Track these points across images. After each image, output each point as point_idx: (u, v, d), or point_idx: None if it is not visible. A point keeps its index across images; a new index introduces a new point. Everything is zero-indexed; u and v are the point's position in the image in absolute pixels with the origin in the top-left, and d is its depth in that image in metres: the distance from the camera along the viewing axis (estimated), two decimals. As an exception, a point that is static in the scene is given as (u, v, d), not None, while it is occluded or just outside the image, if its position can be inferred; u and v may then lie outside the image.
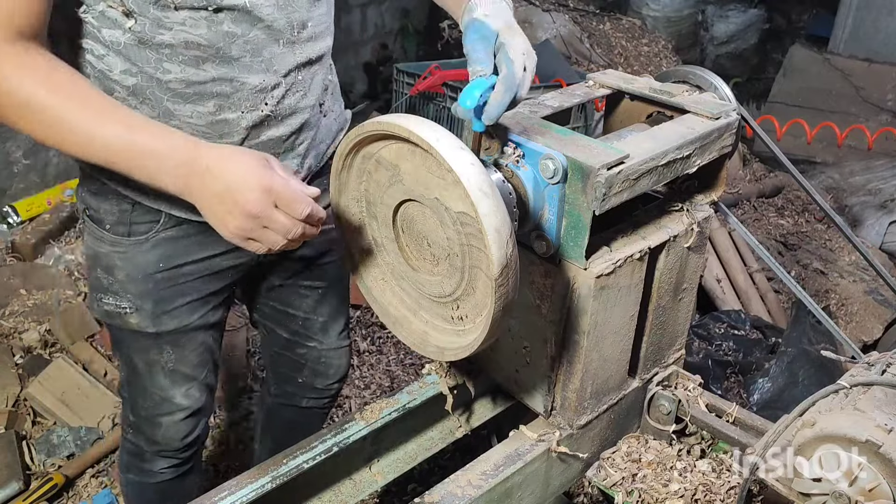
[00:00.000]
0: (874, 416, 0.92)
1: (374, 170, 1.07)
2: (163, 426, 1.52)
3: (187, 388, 1.49)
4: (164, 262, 1.35)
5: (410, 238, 1.10)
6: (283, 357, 1.73)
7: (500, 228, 0.91)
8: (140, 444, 1.56)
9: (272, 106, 1.27)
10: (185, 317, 1.42)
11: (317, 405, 1.81)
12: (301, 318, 1.65)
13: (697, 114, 1.23)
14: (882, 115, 5.29)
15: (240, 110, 1.24)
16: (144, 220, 1.32)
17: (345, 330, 1.73)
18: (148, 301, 1.38)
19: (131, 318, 1.39)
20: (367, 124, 1.01)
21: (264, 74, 1.24)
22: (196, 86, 1.19)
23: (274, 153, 1.29)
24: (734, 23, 6.64)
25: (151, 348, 1.44)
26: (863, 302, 3.46)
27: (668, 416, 1.32)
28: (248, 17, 1.18)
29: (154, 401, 1.50)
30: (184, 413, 1.51)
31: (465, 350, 1.06)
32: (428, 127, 0.94)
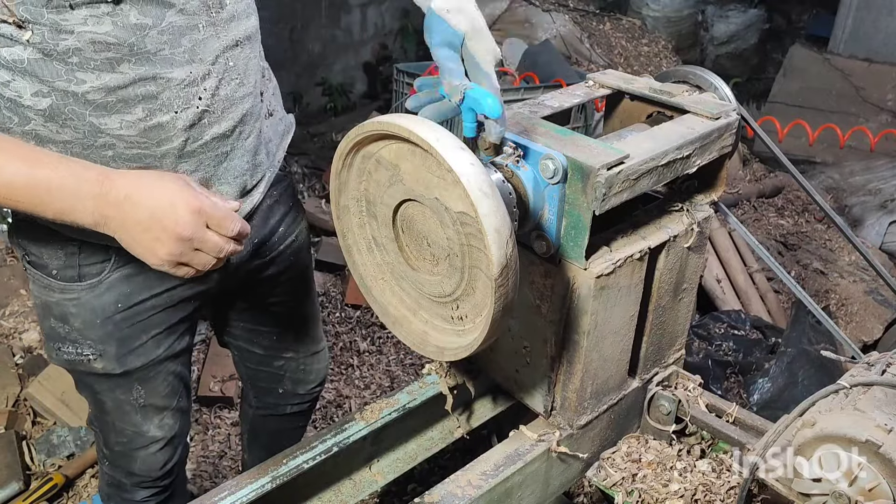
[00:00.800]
0: (874, 416, 0.92)
1: (374, 169, 1.07)
2: (139, 459, 1.46)
3: (160, 419, 1.43)
4: (122, 302, 1.27)
5: (410, 238, 1.10)
6: (261, 372, 1.69)
7: (500, 228, 0.91)
8: (118, 477, 1.51)
9: (207, 99, 1.15)
10: (151, 352, 1.34)
11: (300, 409, 1.78)
12: (274, 332, 1.61)
13: (697, 114, 1.23)
14: (882, 115, 5.29)
15: (172, 110, 1.13)
16: (94, 260, 1.22)
17: (318, 333, 1.70)
18: (111, 344, 1.30)
19: (96, 364, 1.32)
20: (367, 124, 1.01)
21: (189, 66, 1.12)
22: (117, 91, 1.08)
23: (221, 153, 1.22)
24: (734, 23, 6.64)
25: (118, 389, 1.37)
26: (863, 302, 3.46)
27: (668, 416, 1.32)
28: (155, 4, 1.06)
29: (127, 436, 1.44)
30: (159, 444, 1.46)
31: (464, 350, 1.06)
32: (428, 127, 0.94)
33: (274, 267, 1.49)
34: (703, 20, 6.61)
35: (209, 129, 1.18)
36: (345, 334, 3.00)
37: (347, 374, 2.82)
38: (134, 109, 1.10)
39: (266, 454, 1.85)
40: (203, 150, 1.19)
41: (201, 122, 1.17)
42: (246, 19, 1.22)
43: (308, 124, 4.87)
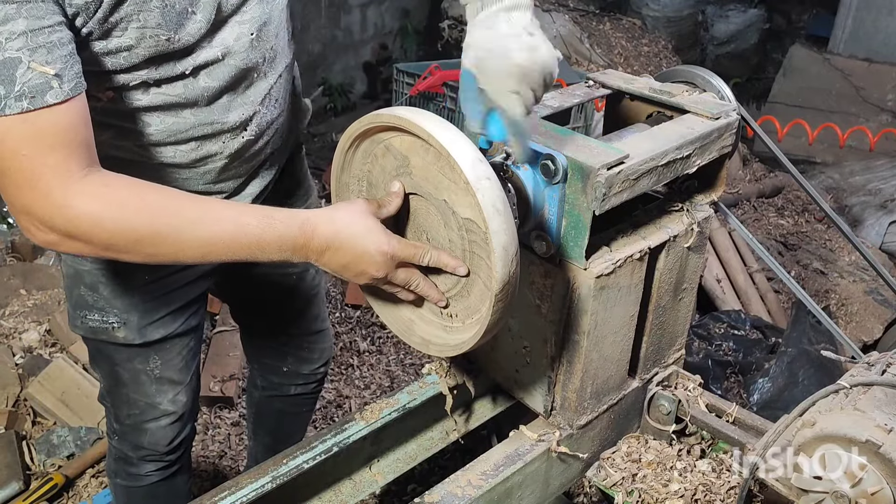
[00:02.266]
0: (874, 416, 0.92)
1: (382, 154, 1.07)
2: (149, 432, 1.52)
3: (174, 393, 1.50)
4: (149, 274, 1.35)
5: (410, 228, 1.10)
6: (266, 348, 1.74)
7: (507, 247, 0.92)
8: (125, 451, 1.56)
9: (252, 131, 1.28)
10: (169, 325, 1.42)
11: (305, 391, 1.82)
12: (278, 306, 1.67)
13: (697, 114, 1.23)
14: (882, 115, 5.29)
15: (221, 142, 1.25)
16: None
17: (322, 313, 1.75)
18: (134, 314, 1.38)
19: (118, 332, 1.39)
20: (385, 115, 0.99)
21: (242, 108, 1.24)
22: (176, 134, 1.20)
23: (254, 162, 1.34)
24: (734, 23, 6.64)
25: (136, 358, 1.44)
26: (863, 302, 3.46)
27: (668, 416, 1.32)
28: (224, 67, 1.17)
29: (140, 408, 1.49)
30: (170, 419, 1.51)
31: (451, 349, 1.07)
32: (447, 130, 0.93)
33: None
34: (703, 20, 6.61)
35: (249, 149, 1.31)
36: (345, 334, 3.00)
37: (347, 374, 2.82)
38: (187, 144, 1.22)
39: (271, 440, 1.91)
40: (239, 164, 1.31)
41: (244, 147, 1.29)
42: (286, 54, 1.32)
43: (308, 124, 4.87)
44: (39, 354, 2.63)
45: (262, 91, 1.26)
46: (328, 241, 1.04)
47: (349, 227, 1.04)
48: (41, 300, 2.85)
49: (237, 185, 1.36)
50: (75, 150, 0.94)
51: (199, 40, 1.11)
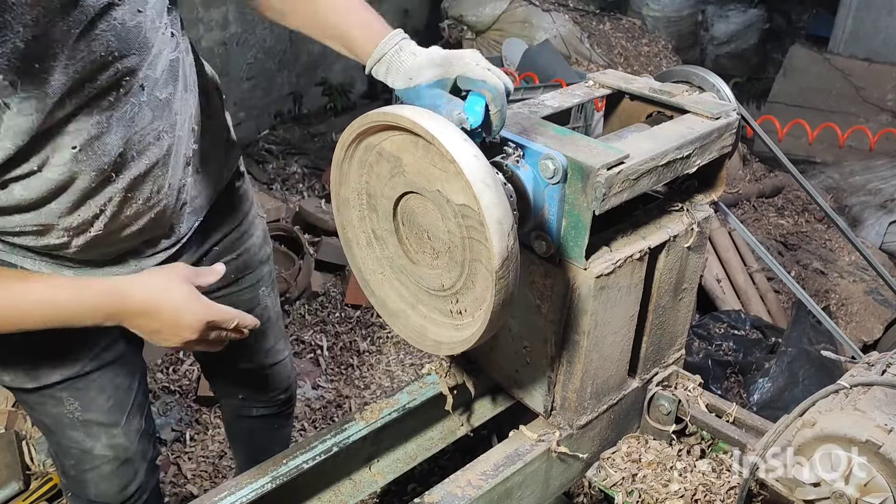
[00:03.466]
0: (874, 416, 0.92)
1: (376, 162, 1.07)
2: (91, 483, 1.38)
3: (108, 437, 1.34)
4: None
5: (411, 231, 1.10)
6: (219, 377, 1.68)
7: (501, 220, 0.91)
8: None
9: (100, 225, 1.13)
10: (70, 366, 1.26)
11: (270, 412, 1.75)
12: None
13: (697, 114, 1.23)
14: (882, 115, 5.29)
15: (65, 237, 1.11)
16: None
17: (278, 343, 1.65)
18: (21, 357, 1.23)
19: (5, 377, 1.25)
20: (372, 114, 1.00)
21: (78, 211, 1.09)
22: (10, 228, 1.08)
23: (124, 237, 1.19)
24: (734, 23, 6.63)
25: (48, 402, 1.29)
26: (863, 302, 3.46)
27: (668, 416, 1.32)
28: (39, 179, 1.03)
29: (75, 457, 1.35)
30: (111, 465, 1.36)
31: (462, 344, 1.06)
32: (431, 118, 0.94)
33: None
34: (703, 20, 6.60)
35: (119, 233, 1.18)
36: (345, 334, 3.00)
37: (347, 374, 2.82)
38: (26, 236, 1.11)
39: (247, 452, 1.85)
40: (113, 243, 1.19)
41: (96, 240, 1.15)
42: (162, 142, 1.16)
43: (308, 124, 4.87)
44: (39, 354, 2.63)
45: (108, 193, 1.10)
46: (143, 307, 1.08)
47: (165, 294, 1.09)
48: (41, 300, 2.85)
49: (137, 246, 1.24)
50: None
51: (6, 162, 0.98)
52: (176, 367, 2.72)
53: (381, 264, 1.18)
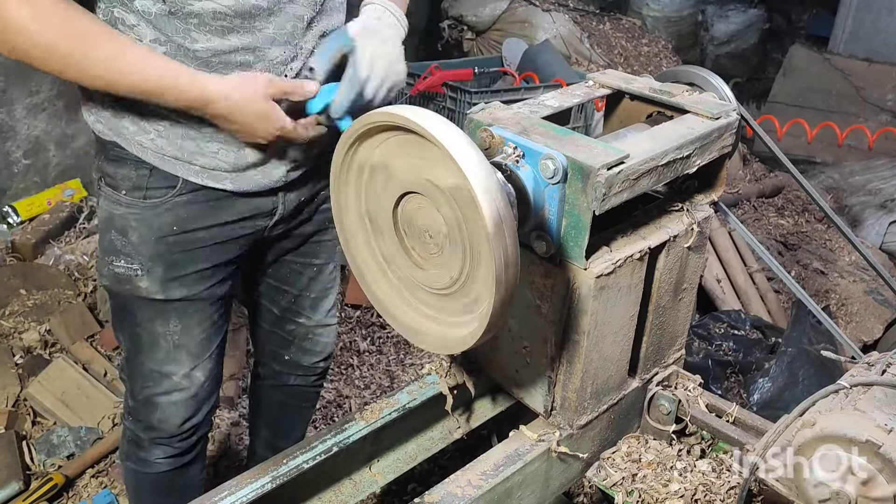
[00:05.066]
0: (874, 416, 0.92)
1: (370, 179, 1.07)
2: (160, 408, 1.51)
3: (191, 367, 1.49)
4: (177, 226, 1.39)
5: (413, 237, 1.09)
6: (273, 334, 1.75)
7: (488, 183, 0.90)
8: (137, 432, 1.55)
9: (290, 77, 1.33)
10: (193, 285, 1.43)
11: (304, 383, 1.83)
12: (294, 294, 1.68)
13: (697, 114, 1.23)
14: (882, 115, 5.29)
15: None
16: (160, 185, 1.37)
17: (333, 308, 1.77)
18: (159, 265, 1.40)
19: (141, 282, 1.40)
20: (355, 124, 1.01)
21: (285, 47, 1.31)
22: (221, 55, 1.26)
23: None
24: (734, 23, 6.64)
25: (157, 318, 1.44)
26: (863, 302, 3.46)
27: (668, 416, 1.32)
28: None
29: (153, 379, 1.49)
30: (183, 394, 1.50)
31: (480, 332, 1.03)
32: (407, 107, 0.95)
33: (310, 226, 1.60)
34: (703, 20, 6.61)
35: (283, 102, 1.33)
36: (345, 334, 3.00)
37: (347, 374, 2.82)
38: (231, 72, 1.27)
39: (271, 434, 1.92)
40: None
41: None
42: (338, 13, 1.42)
43: (308, 124, 4.86)
44: (39, 354, 2.63)
45: (306, 38, 1.33)
46: (223, 115, 1.25)
47: (242, 109, 1.24)
48: (41, 300, 2.85)
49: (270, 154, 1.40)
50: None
51: None
52: (176, 367, 2.73)
53: (398, 288, 1.16)
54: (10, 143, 3.31)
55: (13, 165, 3.36)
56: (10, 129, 3.28)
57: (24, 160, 3.39)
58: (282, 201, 1.48)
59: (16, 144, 3.33)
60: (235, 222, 1.44)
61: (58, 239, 3.25)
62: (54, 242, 3.21)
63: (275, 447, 1.84)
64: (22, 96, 3.27)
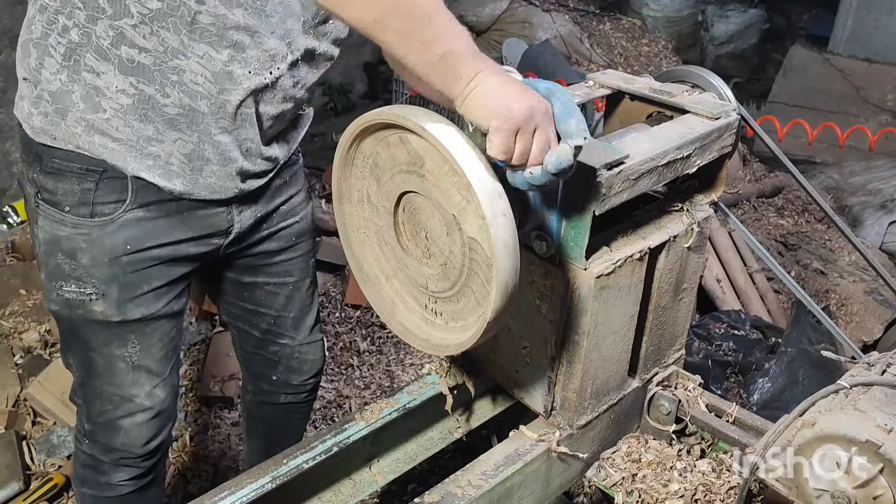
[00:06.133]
0: (874, 416, 0.92)
1: (396, 143, 1.03)
2: (122, 431, 1.44)
3: (152, 386, 1.43)
4: (130, 245, 1.31)
5: (409, 221, 1.09)
6: (257, 356, 1.71)
7: (509, 282, 0.93)
8: (97, 455, 1.48)
9: (274, 77, 1.28)
10: (151, 304, 1.37)
11: (295, 401, 1.79)
12: (272, 316, 1.63)
13: (697, 114, 1.23)
14: (882, 115, 5.29)
15: (248, 69, 1.24)
16: (109, 199, 1.28)
17: (316, 324, 1.72)
18: (114, 286, 1.32)
19: (95, 306, 1.33)
20: (409, 120, 0.96)
21: (280, 42, 1.26)
22: (221, 28, 1.19)
23: (259, 131, 1.32)
24: (734, 23, 6.63)
25: (114, 340, 1.37)
26: (863, 302, 3.46)
27: (668, 416, 1.32)
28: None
29: (113, 402, 1.42)
30: (146, 415, 1.44)
31: (432, 347, 1.07)
32: (471, 155, 0.92)
33: (274, 242, 1.54)
34: (703, 20, 6.60)
35: (261, 104, 1.30)
36: (345, 334, 3.00)
37: (347, 374, 2.82)
38: (222, 50, 1.21)
39: (264, 444, 1.88)
40: (246, 119, 1.29)
41: (260, 94, 1.28)
42: (332, 44, 1.38)
43: (308, 124, 4.86)
44: (39, 354, 2.63)
45: (300, 43, 1.30)
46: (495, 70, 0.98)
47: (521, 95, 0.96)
48: (41, 300, 2.85)
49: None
50: None
51: None
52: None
53: (368, 227, 1.15)
54: (10, 143, 3.31)
55: (13, 165, 3.36)
56: (9, 128, 3.28)
57: (24, 160, 3.39)
58: (237, 219, 1.42)
59: (16, 144, 3.33)
60: (189, 241, 1.37)
61: (58, 239, 3.25)
62: (54, 242, 3.21)
63: (270, 454, 1.81)
64: (22, 96, 3.27)
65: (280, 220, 1.52)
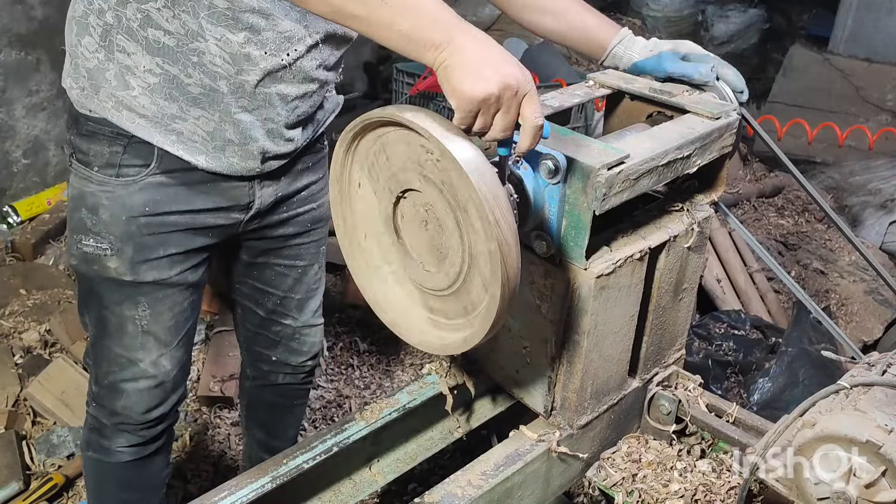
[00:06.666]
0: (874, 416, 0.92)
1: (369, 178, 1.07)
2: (125, 394, 1.47)
3: (158, 354, 1.45)
4: (149, 207, 1.35)
5: (412, 237, 1.09)
6: (259, 335, 1.74)
7: (475, 162, 0.93)
8: (100, 418, 1.52)
9: (292, 58, 1.30)
10: (164, 269, 1.40)
11: (293, 381, 1.82)
12: (279, 296, 1.67)
13: (697, 114, 1.23)
14: (882, 115, 5.29)
15: (264, 50, 1.27)
16: (134, 163, 1.33)
17: (319, 308, 1.76)
18: (129, 245, 1.36)
19: (110, 262, 1.37)
20: (358, 119, 1.01)
21: (297, 24, 1.28)
22: (236, 11, 1.22)
23: (280, 111, 1.35)
24: (734, 23, 6.63)
25: (126, 300, 1.41)
26: (863, 302, 3.46)
27: (669, 416, 1.32)
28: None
29: (119, 364, 1.45)
30: (149, 382, 1.46)
31: (481, 334, 1.03)
32: (406, 107, 0.97)
33: (290, 227, 1.57)
34: (703, 20, 6.60)
35: (279, 84, 1.32)
36: (345, 334, 3.00)
37: (347, 374, 2.82)
38: (238, 33, 1.24)
39: (264, 434, 1.90)
40: (263, 99, 1.32)
41: (277, 74, 1.30)
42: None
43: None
44: (39, 354, 2.63)
45: (318, 26, 1.30)
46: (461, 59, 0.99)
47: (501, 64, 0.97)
48: (41, 300, 2.85)
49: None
50: None
51: None
52: (176, 367, 2.73)
53: (397, 292, 1.16)
54: (9, 143, 3.31)
55: (13, 165, 3.36)
56: (9, 128, 3.28)
57: (23, 160, 3.39)
58: (258, 194, 1.45)
59: (15, 144, 3.33)
60: (209, 211, 1.41)
61: (58, 239, 3.25)
62: (54, 242, 3.21)
63: (270, 448, 1.83)
64: (21, 96, 3.27)
65: (299, 205, 1.56)
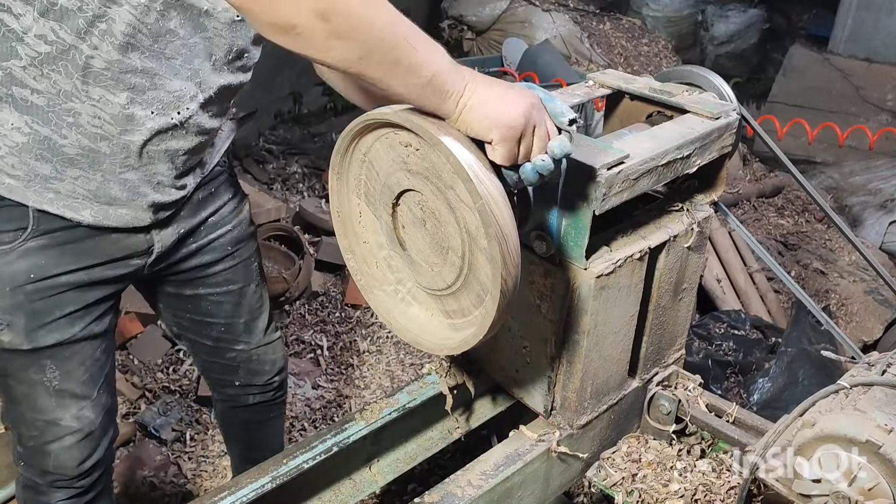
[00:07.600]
0: (874, 416, 0.92)
1: (368, 177, 1.07)
2: (52, 454, 1.38)
3: (77, 408, 1.36)
4: (34, 273, 1.24)
5: (411, 237, 1.09)
6: (214, 364, 1.67)
7: (474, 166, 0.92)
8: (32, 477, 1.42)
9: (184, 117, 1.23)
10: (65, 329, 1.29)
11: (264, 399, 1.75)
12: (222, 324, 1.58)
13: (697, 114, 1.23)
14: (882, 115, 5.29)
15: (149, 110, 1.19)
16: (8, 227, 1.21)
17: (270, 324, 1.67)
18: (19, 315, 1.25)
19: (3, 336, 1.27)
20: (358, 118, 1.01)
21: (188, 82, 1.20)
22: (115, 72, 1.13)
23: (170, 165, 1.27)
24: (734, 23, 6.64)
25: (30, 367, 1.31)
26: (863, 302, 3.46)
27: (668, 416, 1.32)
28: (196, 24, 1.16)
29: (38, 428, 1.36)
30: (75, 437, 1.37)
31: (481, 333, 1.02)
32: (406, 107, 0.96)
33: (207, 255, 1.48)
34: (703, 20, 6.61)
35: (171, 141, 1.25)
36: (345, 334, 3.00)
37: (347, 374, 2.82)
38: (119, 93, 1.15)
39: (243, 447, 1.84)
40: (155, 156, 1.25)
41: (167, 133, 1.23)
42: (246, 73, 1.32)
43: (308, 124, 4.86)
44: None
45: (211, 82, 1.23)
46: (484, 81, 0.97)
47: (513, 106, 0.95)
48: (41, 300, 2.85)
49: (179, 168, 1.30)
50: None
51: None
52: (176, 367, 2.72)
53: (397, 292, 1.15)
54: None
55: None
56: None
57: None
58: (157, 238, 1.35)
59: None
60: (104, 264, 1.30)
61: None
62: None
63: (254, 460, 1.74)
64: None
65: (209, 231, 1.47)
